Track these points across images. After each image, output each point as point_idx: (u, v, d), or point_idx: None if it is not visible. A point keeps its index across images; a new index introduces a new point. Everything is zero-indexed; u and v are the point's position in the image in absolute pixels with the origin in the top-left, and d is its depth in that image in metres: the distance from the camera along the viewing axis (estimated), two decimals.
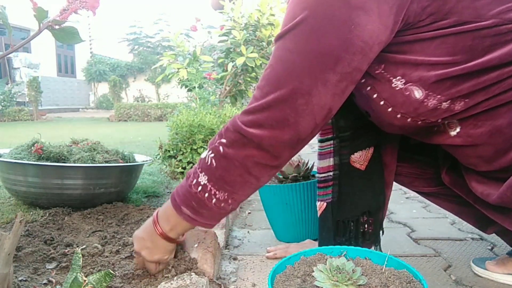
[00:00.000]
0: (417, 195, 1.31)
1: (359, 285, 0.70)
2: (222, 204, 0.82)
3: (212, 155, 0.80)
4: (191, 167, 1.80)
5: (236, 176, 0.79)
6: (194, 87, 2.46)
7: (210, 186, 0.80)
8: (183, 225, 0.88)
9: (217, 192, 0.80)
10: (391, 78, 0.76)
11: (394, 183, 1.15)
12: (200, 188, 0.81)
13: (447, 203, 1.13)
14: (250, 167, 0.78)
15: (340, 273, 0.71)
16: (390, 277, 0.73)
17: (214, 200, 0.81)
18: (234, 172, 0.78)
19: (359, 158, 1.06)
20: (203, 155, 0.84)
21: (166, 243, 0.93)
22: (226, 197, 0.81)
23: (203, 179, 0.81)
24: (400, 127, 0.83)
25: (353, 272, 0.71)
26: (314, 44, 0.71)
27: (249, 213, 1.85)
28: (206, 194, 0.81)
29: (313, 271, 0.74)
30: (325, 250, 0.84)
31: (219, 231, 1.33)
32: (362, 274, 0.73)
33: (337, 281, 0.69)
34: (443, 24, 0.71)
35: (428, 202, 1.92)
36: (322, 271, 0.73)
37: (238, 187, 0.80)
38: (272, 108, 0.74)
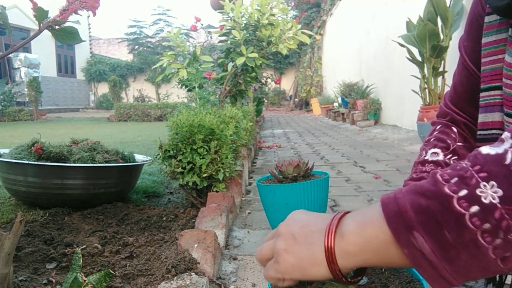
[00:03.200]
0: None
1: (359, 285, 0.70)
2: (508, 254, 0.40)
3: None
4: (191, 167, 1.81)
5: None
6: (194, 87, 2.46)
7: (504, 211, 0.39)
8: (391, 260, 0.45)
9: None
10: None
11: None
12: (475, 209, 0.39)
13: None
14: None
15: None
16: (390, 277, 0.73)
17: (498, 241, 0.39)
18: None
19: None
20: (493, 150, 0.42)
21: (318, 269, 0.47)
22: None
23: (489, 193, 0.40)
24: None
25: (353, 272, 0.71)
26: None
27: (249, 213, 1.85)
28: (487, 226, 0.39)
29: None
30: None
31: (219, 231, 1.34)
32: None
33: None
34: None
35: None
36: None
37: None
38: None
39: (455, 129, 0.88)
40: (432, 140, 0.88)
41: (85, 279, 0.74)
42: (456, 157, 0.85)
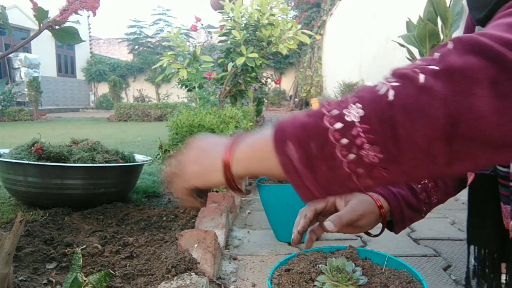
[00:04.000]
0: None
1: (359, 285, 0.70)
2: (360, 170, 0.44)
3: (397, 84, 0.43)
4: None
5: (429, 131, 0.40)
6: (194, 87, 2.46)
7: (360, 129, 0.43)
8: (269, 168, 0.50)
9: (366, 145, 0.43)
10: None
11: None
12: (339, 125, 0.44)
13: None
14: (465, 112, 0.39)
15: (340, 273, 0.71)
16: (390, 277, 0.73)
17: (352, 156, 0.44)
18: (428, 123, 0.40)
19: None
20: (371, 83, 0.48)
21: (216, 175, 0.55)
22: (377, 160, 0.43)
23: (353, 113, 0.44)
24: None
25: (353, 272, 0.72)
26: None
27: (249, 213, 1.85)
28: (344, 141, 0.44)
29: (314, 270, 0.74)
30: (325, 249, 0.85)
31: (219, 231, 1.34)
32: (362, 274, 0.73)
33: (337, 281, 0.69)
34: None
35: None
36: (322, 272, 0.73)
37: (412, 153, 0.42)
38: None
39: None
40: None
41: (85, 279, 0.74)
42: None
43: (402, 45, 4.20)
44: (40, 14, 0.79)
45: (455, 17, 3.84)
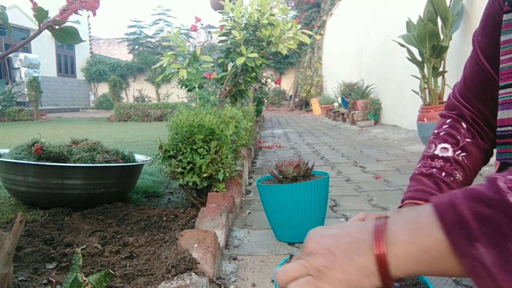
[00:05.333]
0: None
1: None
2: None
3: None
4: (191, 167, 1.81)
5: None
6: (194, 87, 2.46)
7: None
8: (445, 270, 0.42)
9: None
10: None
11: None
12: None
13: None
14: None
15: None
16: None
17: None
18: None
19: None
20: None
21: (371, 280, 0.44)
22: None
23: None
24: None
25: None
26: None
27: (249, 213, 1.85)
28: None
29: None
30: None
31: (219, 231, 1.34)
32: None
33: None
34: None
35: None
36: None
37: None
38: None
39: (464, 125, 0.87)
40: (442, 134, 0.87)
41: (85, 279, 0.74)
42: (465, 153, 0.84)
43: (402, 45, 4.21)
44: (40, 14, 0.79)
45: (455, 17, 3.84)
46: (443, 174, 0.81)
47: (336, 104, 9.25)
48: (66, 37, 0.85)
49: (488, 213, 0.38)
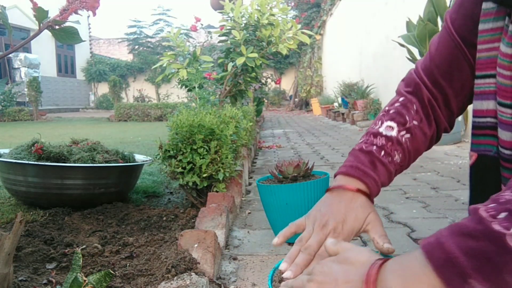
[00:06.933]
0: (417, 195, 1.30)
1: None
2: None
3: None
4: (191, 167, 1.81)
5: None
6: (194, 87, 2.46)
7: None
8: None
9: None
10: None
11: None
12: None
13: None
14: None
15: None
16: None
17: None
18: None
19: None
20: None
21: None
22: None
23: None
24: None
25: None
26: None
27: (249, 213, 1.85)
28: None
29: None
30: None
31: (219, 231, 1.34)
32: None
33: None
34: None
35: (428, 202, 1.91)
36: None
37: None
38: None
39: (415, 107, 0.84)
40: (391, 112, 0.84)
41: (85, 279, 0.74)
42: (409, 135, 0.82)
43: (402, 45, 4.20)
44: (40, 14, 0.79)
45: None
46: (382, 153, 0.79)
47: (336, 104, 9.25)
48: (66, 37, 0.85)
49: (475, 246, 0.37)
